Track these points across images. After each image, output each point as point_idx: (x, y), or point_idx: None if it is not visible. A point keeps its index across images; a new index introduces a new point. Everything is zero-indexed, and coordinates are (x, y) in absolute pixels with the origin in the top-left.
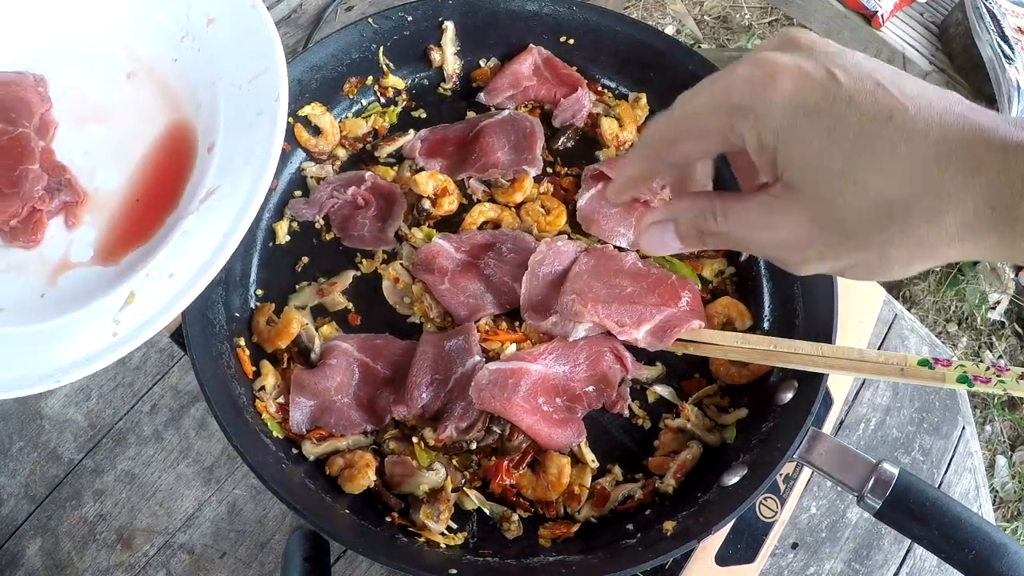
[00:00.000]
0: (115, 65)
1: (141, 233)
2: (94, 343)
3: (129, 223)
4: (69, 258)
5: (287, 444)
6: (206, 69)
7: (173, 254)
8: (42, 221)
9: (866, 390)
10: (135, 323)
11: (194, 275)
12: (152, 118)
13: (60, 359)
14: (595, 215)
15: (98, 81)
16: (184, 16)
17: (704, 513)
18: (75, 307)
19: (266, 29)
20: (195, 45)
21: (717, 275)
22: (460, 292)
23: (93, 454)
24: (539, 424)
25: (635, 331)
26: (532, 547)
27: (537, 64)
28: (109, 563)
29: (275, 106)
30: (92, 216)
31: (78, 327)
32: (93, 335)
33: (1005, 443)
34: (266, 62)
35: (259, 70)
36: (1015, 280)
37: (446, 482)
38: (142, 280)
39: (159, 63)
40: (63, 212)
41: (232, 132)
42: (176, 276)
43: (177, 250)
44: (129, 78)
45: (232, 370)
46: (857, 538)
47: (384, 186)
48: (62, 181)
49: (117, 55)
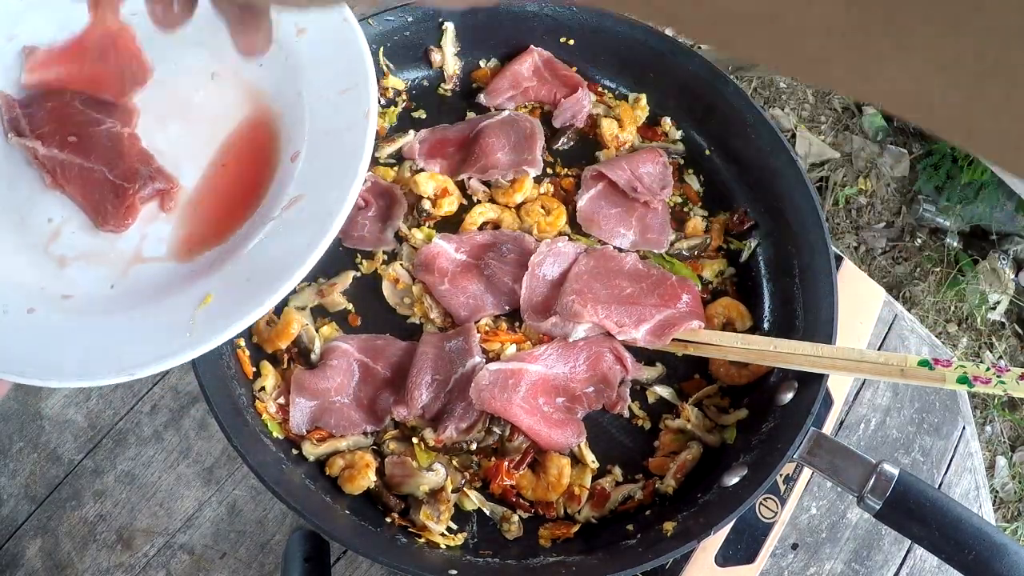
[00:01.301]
0: (199, 64)
1: (218, 234)
2: (168, 340)
3: (206, 223)
4: (141, 252)
5: (287, 445)
6: (293, 78)
7: (252, 259)
8: (135, 206)
9: (866, 390)
10: (210, 324)
11: (274, 281)
12: (234, 120)
13: (132, 352)
14: (595, 216)
15: (182, 78)
16: (273, 21)
17: (704, 514)
18: (147, 302)
19: (358, 44)
20: (283, 53)
21: (717, 276)
22: (460, 293)
23: (93, 454)
24: (539, 424)
25: (635, 331)
26: (532, 547)
27: (537, 65)
28: (109, 563)
29: (364, 122)
30: (169, 211)
31: (151, 322)
32: (167, 332)
33: (1005, 444)
34: (356, 77)
35: (348, 84)
36: (1015, 280)
37: (446, 483)
38: (218, 282)
39: (244, 67)
40: (157, 197)
41: (318, 143)
42: (253, 281)
43: (256, 255)
44: (213, 78)
45: (232, 371)
46: (857, 539)
47: (384, 187)
48: (152, 168)
49: (202, 54)
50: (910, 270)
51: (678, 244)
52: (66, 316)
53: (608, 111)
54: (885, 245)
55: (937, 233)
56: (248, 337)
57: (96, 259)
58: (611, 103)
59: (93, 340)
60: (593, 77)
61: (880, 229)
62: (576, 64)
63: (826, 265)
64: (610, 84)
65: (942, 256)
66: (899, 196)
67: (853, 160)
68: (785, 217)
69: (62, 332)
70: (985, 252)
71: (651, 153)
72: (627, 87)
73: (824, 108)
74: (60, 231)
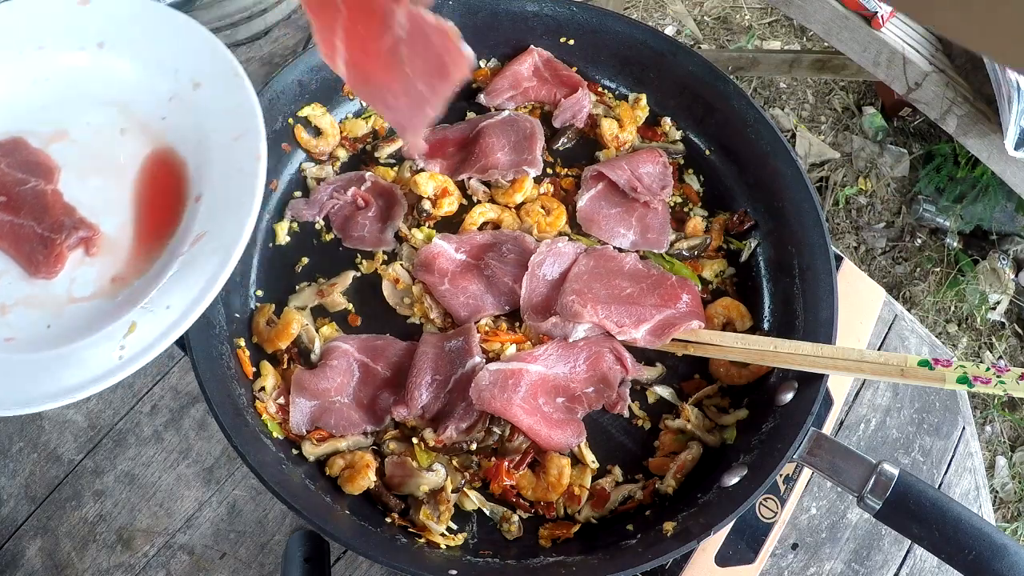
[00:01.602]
0: (110, 122)
1: (138, 271)
2: (101, 366)
3: (127, 262)
4: (72, 294)
5: (287, 445)
6: (193, 128)
7: (168, 290)
8: (63, 254)
9: (866, 391)
10: (138, 348)
11: (188, 306)
12: (145, 170)
13: (71, 380)
14: (595, 216)
15: (95, 136)
16: (173, 79)
17: (704, 514)
18: (81, 336)
19: (249, 95)
20: (183, 106)
21: (717, 276)
22: (460, 293)
23: (93, 455)
24: (539, 425)
25: (634, 331)
26: (532, 548)
27: (537, 65)
28: (109, 564)
29: (256, 164)
30: (93, 256)
31: (86, 352)
32: (100, 359)
33: (1005, 443)
34: (247, 124)
35: (241, 131)
36: (1015, 280)
37: (446, 483)
38: (141, 312)
39: (150, 121)
40: (82, 245)
41: (216, 185)
42: (172, 308)
43: (172, 286)
44: (122, 133)
45: (232, 371)
46: (857, 539)
47: (384, 187)
48: (75, 219)
49: (111, 112)
50: (910, 270)
51: (678, 244)
52: (9, 355)
53: (608, 111)
54: (885, 245)
55: (937, 233)
56: (248, 337)
57: (33, 304)
58: (611, 103)
59: (35, 372)
60: (593, 77)
61: (880, 229)
62: (576, 64)
63: (826, 265)
64: (610, 84)
65: (942, 256)
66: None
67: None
68: (785, 217)
69: (7, 368)
70: (985, 252)
71: (651, 153)
72: (627, 87)
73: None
74: None
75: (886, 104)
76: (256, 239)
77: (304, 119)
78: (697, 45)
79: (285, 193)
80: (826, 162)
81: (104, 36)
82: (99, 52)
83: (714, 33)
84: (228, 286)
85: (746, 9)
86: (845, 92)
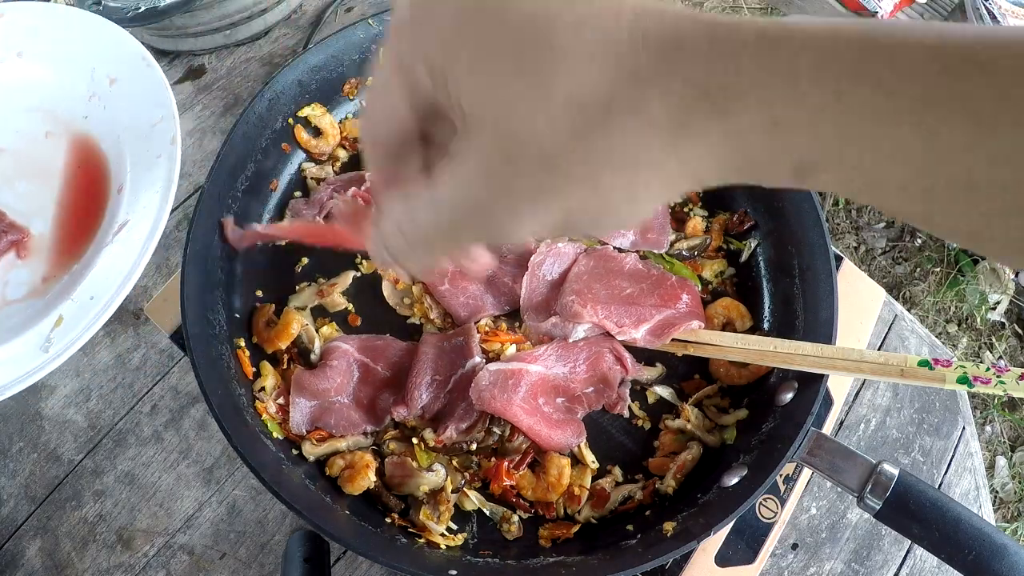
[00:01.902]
0: (35, 127)
1: (66, 265)
2: (28, 362)
3: (57, 259)
4: (5, 296)
5: (287, 445)
6: (112, 122)
7: (93, 280)
8: None
9: (866, 391)
10: (64, 341)
11: (112, 294)
12: (70, 169)
13: (3, 376)
14: None
15: (21, 142)
16: (90, 78)
17: (704, 514)
18: (13, 337)
19: (161, 82)
20: (101, 103)
21: (717, 276)
22: (460, 293)
23: (93, 455)
24: (539, 425)
25: (634, 331)
26: (532, 548)
27: None
28: (109, 564)
29: (172, 148)
30: (24, 258)
31: (15, 351)
32: (28, 355)
33: (1005, 444)
34: (162, 111)
35: (156, 119)
36: (1015, 280)
37: (446, 483)
38: (68, 305)
39: (72, 121)
40: (13, 248)
41: (137, 173)
42: (96, 297)
43: (97, 277)
44: (47, 137)
45: (232, 371)
46: (857, 539)
47: None
48: (5, 223)
49: (35, 117)
50: (910, 270)
51: (678, 244)
52: None
53: None
54: (885, 245)
55: None
56: (248, 337)
57: None
58: None
59: None
60: None
61: (880, 229)
62: None
63: (826, 265)
64: None
65: (942, 256)
66: None
67: None
68: (785, 217)
69: None
70: None
71: None
72: None
73: None
74: None
75: None
76: None
77: (304, 119)
78: None
79: (285, 193)
80: None
81: (22, 46)
82: (18, 62)
83: None
84: (228, 286)
85: (746, 9)
86: None
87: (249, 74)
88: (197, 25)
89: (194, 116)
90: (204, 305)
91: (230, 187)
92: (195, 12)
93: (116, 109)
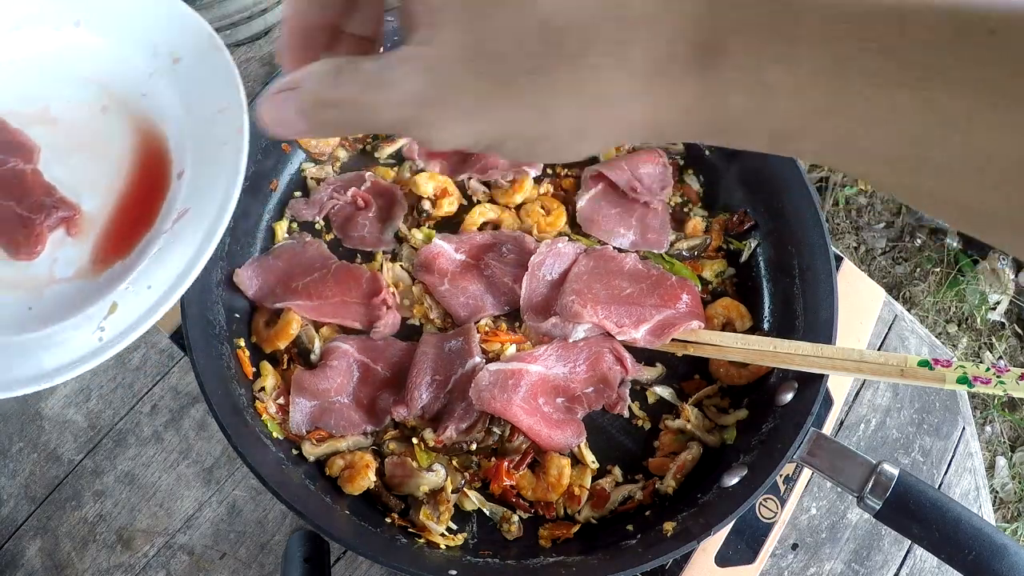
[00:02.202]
0: (91, 100)
1: (120, 250)
2: (81, 348)
3: (109, 242)
4: (54, 274)
5: (287, 445)
6: (174, 104)
7: (150, 269)
8: (43, 235)
9: (866, 391)
10: (118, 329)
11: (171, 286)
12: (128, 147)
13: (51, 362)
14: (595, 216)
15: (76, 114)
16: (152, 55)
17: (704, 514)
18: (62, 317)
19: (229, 67)
20: (163, 81)
21: (717, 276)
22: (460, 293)
23: (93, 455)
24: (539, 425)
25: (634, 332)
26: (532, 548)
27: None
28: (109, 564)
29: (238, 137)
30: (75, 235)
31: (66, 334)
32: (80, 341)
33: (1005, 444)
34: (229, 98)
35: (223, 105)
36: (1015, 281)
37: (446, 483)
38: (123, 292)
39: (130, 98)
40: (63, 225)
41: (199, 160)
42: (154, 288)
43: (154, 265)
44: (104, 111)
45: (232, 371)
46: (857, 539)
47: (384, 187)
48: (56, 199)
49: (91, 90)
50: (910, 270)
51: (678, 244)
52: None
53: None
54: (885, 245)
55: (937, 233)
56: (248, 337)
57: (13, 285)
58: None
59: (15, 354)
60: None
61: (880, 229)
62: None
63: (826, 265)
64: None
65: (942, 256)
66: None
67: None
68: (785, 217)
69: None
70: (985, 252)
71: (651, 153)
72: None
73: None
74: None
75: None
76: (256, 239)
77: None
78: None
79: (285, 193)
80: None
81: (79, 15)
82: (76, 31)
83: None
84: (228, 285)
85: None
86: None
87: (249, 74)
88: None
89: None
90: (204, 305)
91: None
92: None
93: (178, 90)
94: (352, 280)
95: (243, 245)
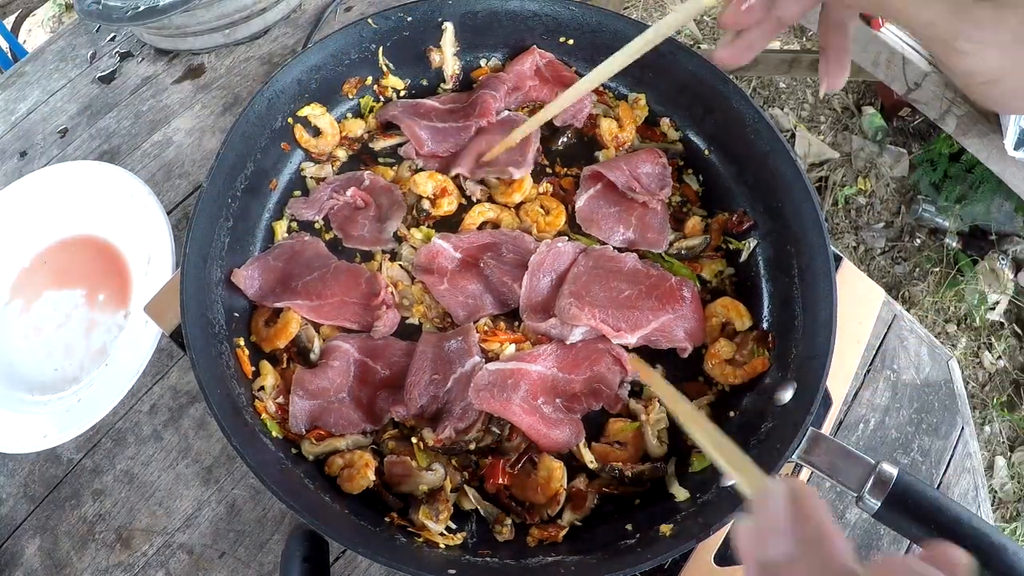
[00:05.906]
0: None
1: None
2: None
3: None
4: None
5: (286, 444)
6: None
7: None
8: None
9: (865, 391)
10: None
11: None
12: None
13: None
14: (594, 215)
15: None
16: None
17: (703, 514)
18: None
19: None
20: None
21: (716, 275)
22: (459, 293)
23: (92, 454)
24: (538, 425)
25: (630, 336)
26: (529, 548)
27: (538, 65)
28: (108, 563)
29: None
30: None
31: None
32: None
33: (1004, 444)
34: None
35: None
36: (1014, 280)
37: (445, 482)
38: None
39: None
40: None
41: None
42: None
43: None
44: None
45: (231, 370)
46: (856, 538)
47: (383, 186)
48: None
49: None
50: (909, 270)
51: (677, 244)
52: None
53: (608, 111)
54: (884, 245)
55: (936, 233)
56: (247, 336)
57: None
58: (611, 103)
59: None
60: None
61: (879, 229)
62: (576, 64)
63: (825, 265)
64: (610, 84)
65: (941, 256)
66: (898, 196)
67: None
68: (785, 217)
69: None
70: (984, 252)
71: (650, 153)
72: (627, 87)
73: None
74: None
75: (885, 104)
76: (256, 238)
77: (303, 119)
78: (697, 45)
79: (284, 193)
80: (825, 162)
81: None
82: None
83: (714, 33)
84: (228, 285)
85: None
86: (844, 92)
87: (248, 73)
88: (196, 24)
89: (193, 115)
90: (203, 304)
91: (229, 186)
92: (194, 11)
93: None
94: (351, 279)
95: (243, 244)
